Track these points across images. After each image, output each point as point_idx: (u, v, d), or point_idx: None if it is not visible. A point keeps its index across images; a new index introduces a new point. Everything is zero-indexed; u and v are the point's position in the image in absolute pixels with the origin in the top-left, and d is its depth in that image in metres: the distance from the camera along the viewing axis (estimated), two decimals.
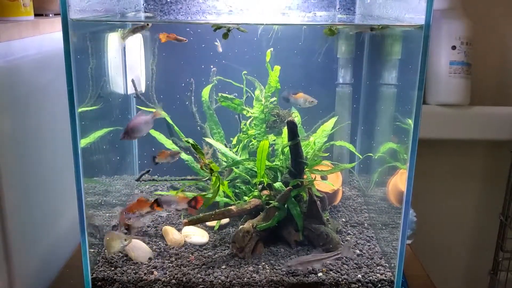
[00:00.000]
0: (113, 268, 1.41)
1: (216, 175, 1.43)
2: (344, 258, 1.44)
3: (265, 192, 1.58)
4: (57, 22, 1.46)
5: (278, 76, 1.63)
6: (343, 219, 1.72)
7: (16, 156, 1.33)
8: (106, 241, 1.38)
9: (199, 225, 1.61)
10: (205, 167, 1.41)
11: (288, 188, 1.50)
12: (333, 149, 1.92)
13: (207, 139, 1.75)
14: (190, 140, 1.40)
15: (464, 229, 2.33)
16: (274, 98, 1.69)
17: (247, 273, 1.39)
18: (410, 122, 1.26)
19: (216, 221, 1.61)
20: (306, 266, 1.36)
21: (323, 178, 1.77)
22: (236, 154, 1.73)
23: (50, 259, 1.54)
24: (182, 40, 1.49)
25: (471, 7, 2.00)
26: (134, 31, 1.47)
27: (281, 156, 1.65)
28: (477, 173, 2.25)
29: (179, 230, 1.59)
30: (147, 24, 1.46)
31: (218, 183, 1.43)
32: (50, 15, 1.55)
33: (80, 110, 1.24)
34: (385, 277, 1.39)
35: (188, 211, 1.40)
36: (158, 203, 1.39)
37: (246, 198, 1.60)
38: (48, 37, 1.47)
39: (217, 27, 1.39)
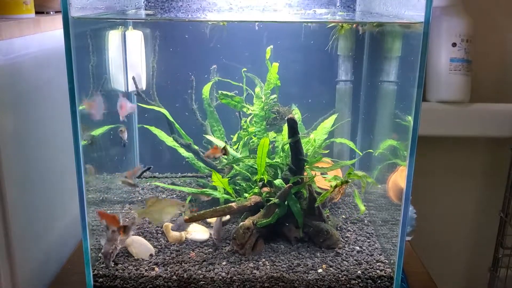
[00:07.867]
0: (114, 264, 1.41)
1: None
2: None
3: (266, 189, 1.59)
4: (58, 19, 1.45)
5: (279, 73, 1.64)
6: (343, 216, 1.73)
7: (18, 153, 1.33)
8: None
9: (199, 221, 1.62)
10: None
11: (288, 185, 1.51)
12: (333, 146, 1.92)
13: (208, 136, 1.76)
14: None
15: (464, 226, 2.33)
16: (274, 95, 1.69)
17: (248, 269, 1.40)
18: (410, 119, 1.26)
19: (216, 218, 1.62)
20: None
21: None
22: (236, 152, 1.73)
23: (52, 255, 1.55)
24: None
25: (472, 4, 2.00)
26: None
27: (281, 153, 1.65)
28: (477, 170, 2.26)
29: None
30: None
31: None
32: (51, 12, 1.55)
33: (81, 107, 1.25)
34: (385, 273, 1.40)
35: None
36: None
37: (246, 195, 1.61)
38: (49, 34, 1.47)
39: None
